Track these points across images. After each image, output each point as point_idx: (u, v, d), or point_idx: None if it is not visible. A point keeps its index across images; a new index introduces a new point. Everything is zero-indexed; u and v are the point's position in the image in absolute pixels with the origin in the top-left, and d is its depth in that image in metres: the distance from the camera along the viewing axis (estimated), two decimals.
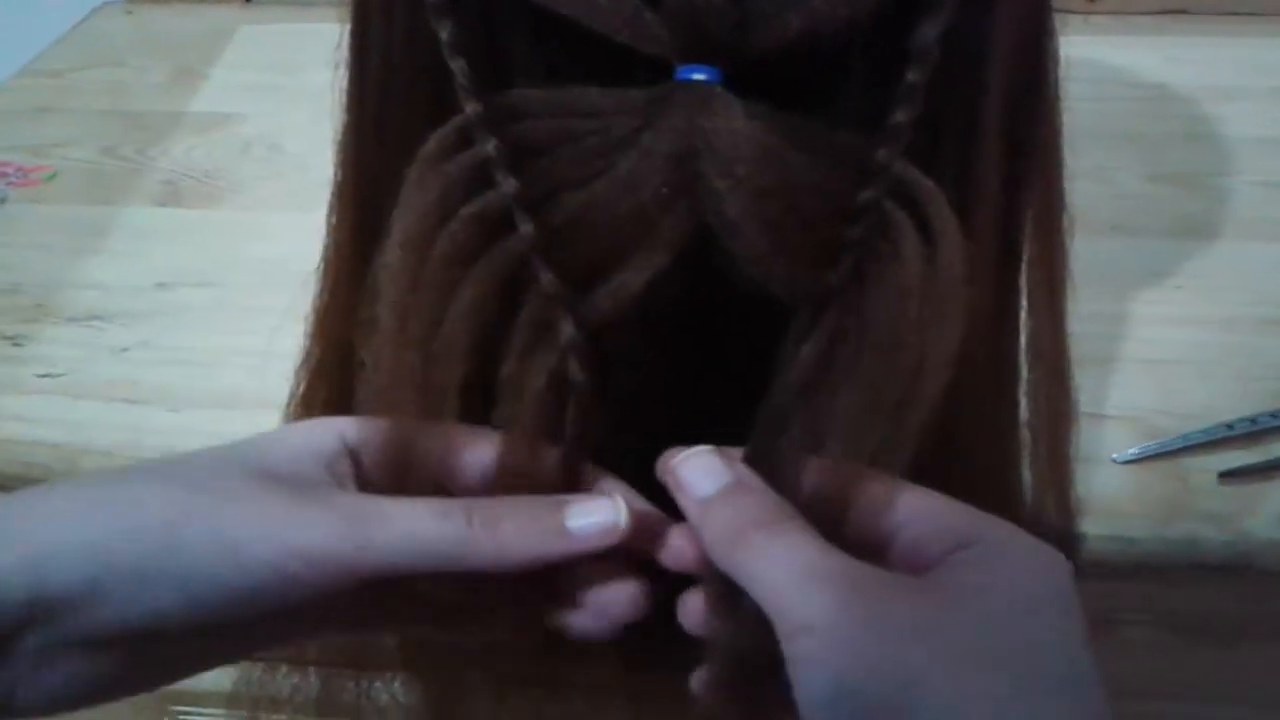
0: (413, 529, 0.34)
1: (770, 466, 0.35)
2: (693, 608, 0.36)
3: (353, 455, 0.37)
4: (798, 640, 0.31)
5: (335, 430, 0.38)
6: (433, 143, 0.34)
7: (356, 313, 0.41)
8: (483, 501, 0.35)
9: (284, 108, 0.91)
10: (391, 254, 0.34)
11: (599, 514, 0.35)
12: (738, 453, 0.36)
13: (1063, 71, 0.40)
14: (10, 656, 0.33)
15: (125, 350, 0.69)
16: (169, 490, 0.35)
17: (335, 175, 0.43)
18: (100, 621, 0.33)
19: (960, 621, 0.31)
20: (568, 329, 0.34)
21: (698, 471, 0.35)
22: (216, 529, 0.34)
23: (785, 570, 0.32)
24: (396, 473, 0.36)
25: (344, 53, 0.40)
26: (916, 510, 0.34)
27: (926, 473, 0.42)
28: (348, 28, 0.40)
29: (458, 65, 0.34)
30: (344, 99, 0.41)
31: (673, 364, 0.38)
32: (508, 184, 0.34)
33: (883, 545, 0.35)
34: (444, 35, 0.35)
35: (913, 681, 0.30)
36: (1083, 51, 0.40)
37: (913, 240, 0.34)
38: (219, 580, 0.34)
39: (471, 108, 0.34)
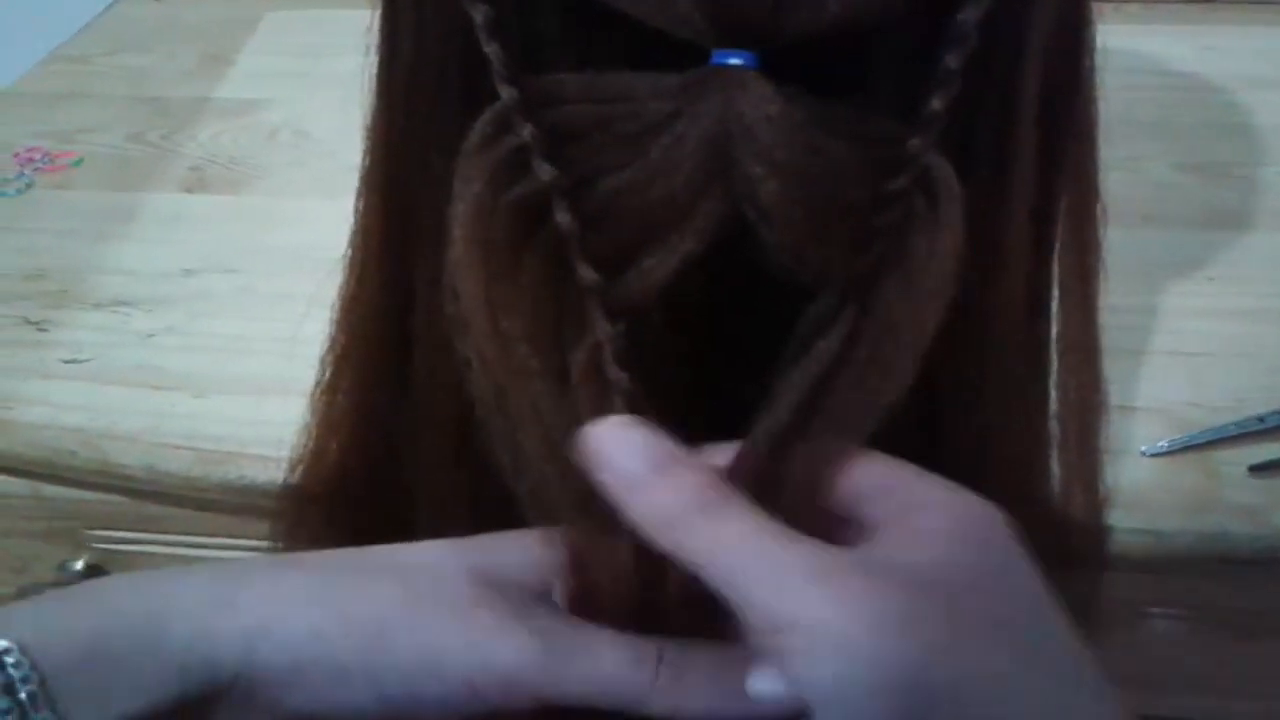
0: (603, 670, 0.34)
1: (774, 454, 0.34)
2: None
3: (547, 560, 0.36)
4: (783, 637, 0.30)
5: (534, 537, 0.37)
6: (475, 134, 0.34)
7: (392, 302, 0.42)
8: (672, 647, 0.34)
9: (311, 94, 0.91)
10: (455, 250, 0.34)
11: (775, 680, 0.33)
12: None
13: (1099, 60, 0.39)
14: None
15: (151, 336, 0.69)
16: (388, 586, 0.35)
17: (363, 161, 0.43)
18: (292, 707, 0.33)
19: (936, 593, 0.31)
20: (603, 326, 0.34)
21: (622, 446, 0.33)
22: (425, 638, 0.34)
23: (756, 562, 0.31)
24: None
25: (374, 37, 0.40)
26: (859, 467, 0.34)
27: (956, 462, 0.42)
28: (378, 12, 0.40)
29: (493, 50, 0.34)
30: (373, 84, 0.41)
31: (700, 355, 0.38)
32: (544, 170, 0.33)
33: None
34: (478, 19, 0.34)
35: (912, 663, 0.29)
36: (1114, 41, 0.40)
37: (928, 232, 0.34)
38: (415, 686, 0.33)
39: (507, 93, 0.34)
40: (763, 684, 0.33)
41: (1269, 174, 0.79)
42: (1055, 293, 0.44)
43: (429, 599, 0.34)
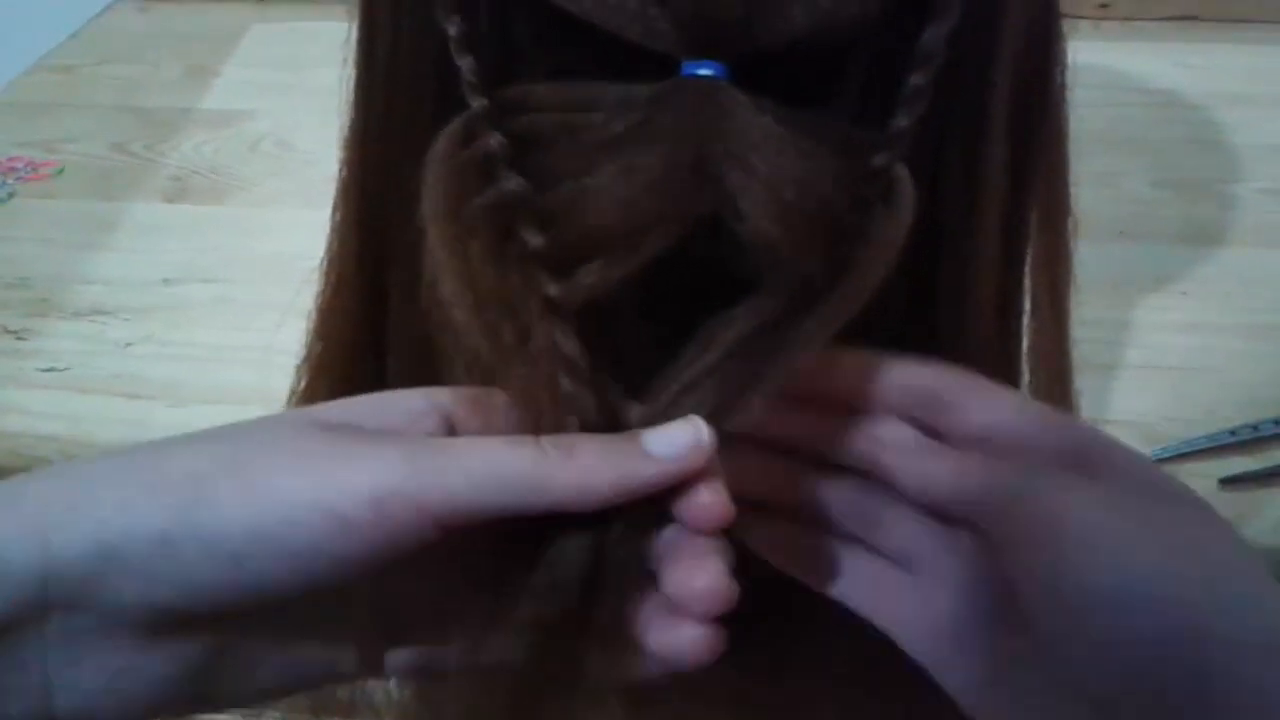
0: (486, 458, 0.30)
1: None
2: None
3: (443, 417, 0.33)
4: (1078, 553, 0.30)
5: (421, 392, 0.34)
6: (441, 141, 0.34)
7: (367, 311, 0.42)
8: (552, 436, 0.31)
9: (294, 105, 0.92)
10: (430, 253, 0.33)
11: (679, 432, 0.31)
12: None
13: (1070, 75, 0.39)
14: (29, 647, 0.29)
15: (129, 345, 0.69)
16: (194, 445, 0.30)
17: (340, 172, 0.43)
18: (126, 599, 0.29)
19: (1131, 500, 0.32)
20: (562, 337, 0.33)
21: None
22: (250, 478, 0.29)
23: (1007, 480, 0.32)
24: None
25: (351, 49, 0.40)
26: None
27: None
28: (355, 24, 0.40)
29: (465, 62, 0.34)
30: (350, 95, 0.41)
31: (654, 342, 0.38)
32: (510, 180, 0.33)
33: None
34: (452, 32, 0.35)
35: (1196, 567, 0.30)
36: (1092, 57, 0.40)
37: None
38: (261, 536, 0.29)
39: (477, 103, 0.34)
40: (659, 443, 0.31)
41: (1245, 190, 0.80)
42: (1026, 307, 0.44)
43: (249, 444, 0.30)
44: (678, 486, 0.31)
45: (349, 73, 0.41)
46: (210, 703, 0.32)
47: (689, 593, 0.31)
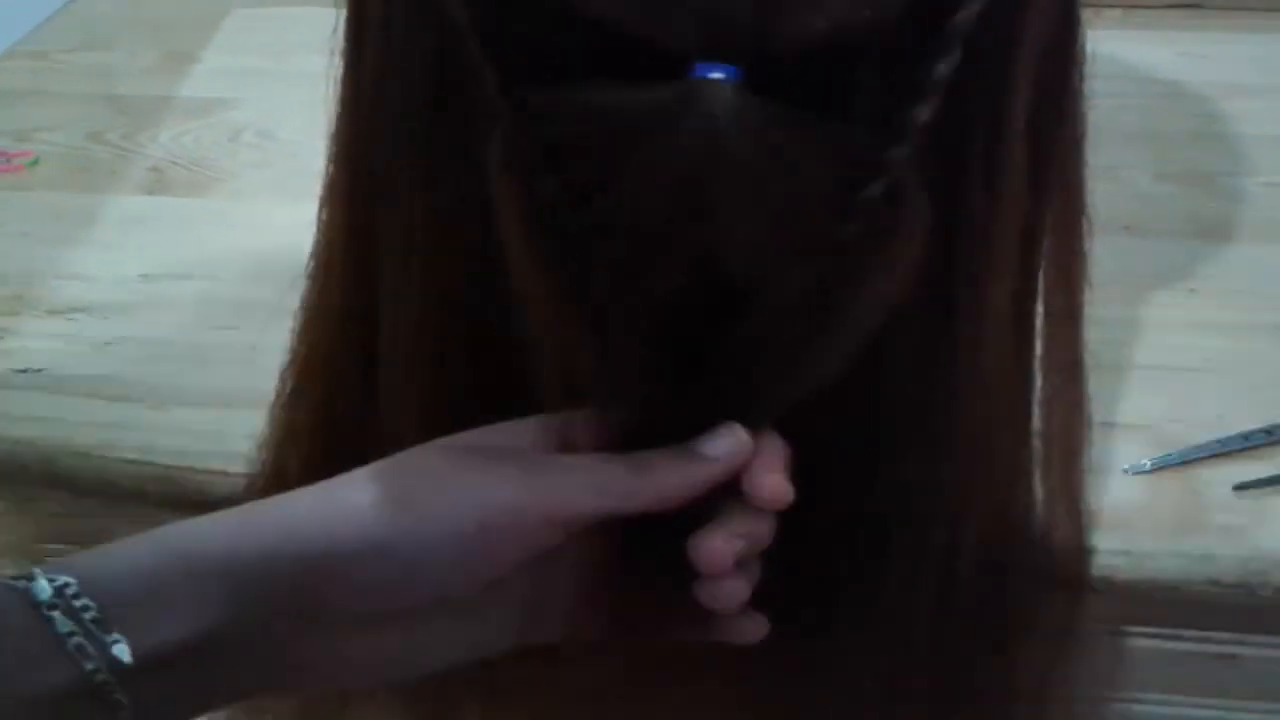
0: (591, 472, 0.38)
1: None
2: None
3: (553, 438, 0.40)
4: None
5: (534, 421, 0.40)
6: (494, 155, 0.35)
7: (356, 316, 0.42)
8: (632, 454, 0.39)
9: (277, 94, 0.90)
10: (518, 276, 0.36)
11: (724, 438, 0.38)
12: None
13: (1088, 75, 0.38)
14: (257, 641, 0.36)
15: (107, 345, 0.67)
16: (361, 481, 0.38)
17: (327, 170, 0.43)
18: (350, 597, 0.37)
19: None
20: (620, 325, 0.36)
21: None
22: (414, 506, 0.37)
23: None
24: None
25: (339, 40, 0.39)
26: None
27: (940, 482, 0.41)
28: (344, 13, 0.39)
29: (481, 59, 0.34)
30: (338, 90, 0.40)
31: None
32: (549, 186, 0.34)
33: None
34: (465, 26, 0.34)
35: None
36: (1094, 47, 0.39)
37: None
38: (428, 547, 0.36)
39: (503, 107, 0.34)
40: (711, 447, 0.38)
41: (1252, 184, 0.78)
42: (1040, 309, 0.43)
43: (416, 476, 0.38)
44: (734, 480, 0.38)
45: (336, 66, 0.40)
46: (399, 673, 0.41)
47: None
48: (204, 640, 0.35)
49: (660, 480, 0.38)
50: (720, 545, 0.37)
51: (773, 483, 0.38)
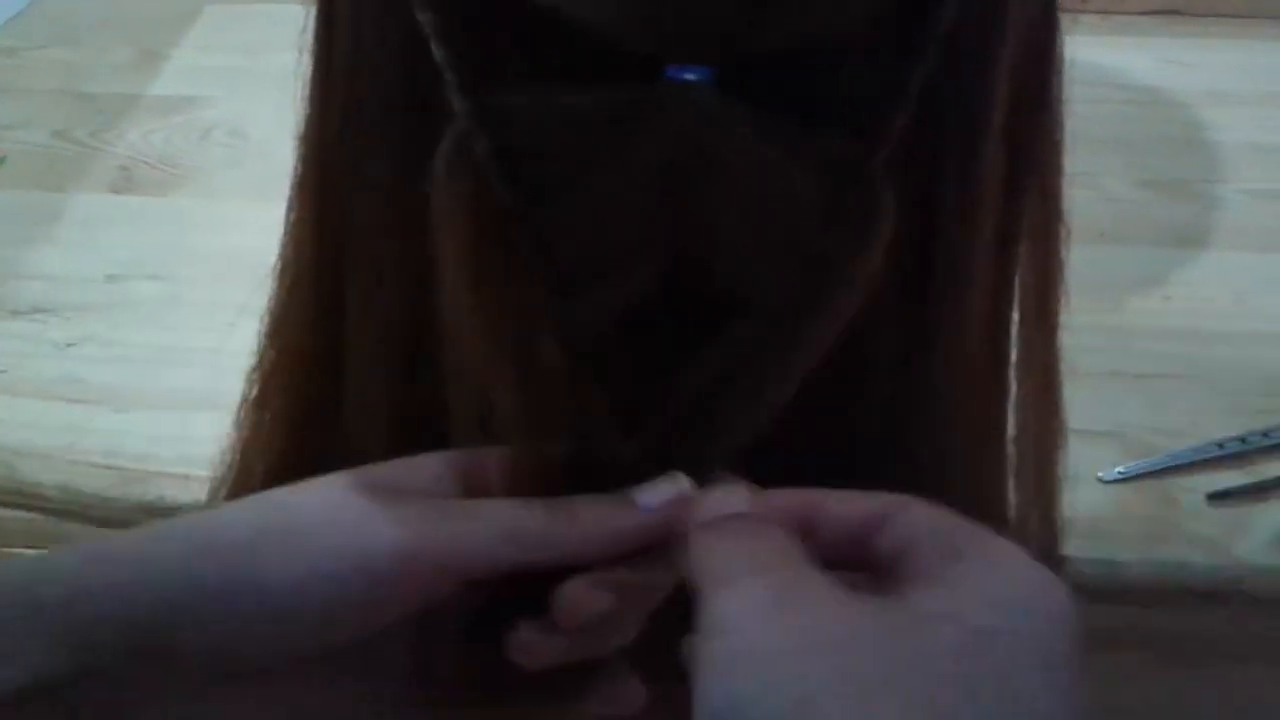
0: (500, 518, 0.34)
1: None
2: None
3: (460, 476, 0.37)
4: (709, 641, 0.30)
5: (440, 456, 0.37)
6: (440, 162, 0.33)
7: (324, 317, 0.41)
8: (554, 499, 0.35)
9: (249, 92, 0.89)
10: (447, 277, 0.34)
11: (663, 486, 0.35)
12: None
13: (1067, 81, 0.38)
14: (103, 689, 0.32)
15: (71, 346, 0.67)
16: (246, 510, 0.35)
17: (296, 170, 0.42)
18: (195, 651, 0.32)
19: (890, 646, 0.29)
20: (553, 355, 0.34)
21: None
22: (292, 541, 0.33)
23: (722, 564, 0.32)
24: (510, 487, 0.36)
25: (308, 39, 0.39)
26: (901, 516, 0.33)
27: (914, 488, 0.40)
28: (313, 11, 0.38)
29: (444, 58, 0.33)
30: (306, 89, 0.39)
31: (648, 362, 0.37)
32: (501, 193, 0.33)
33: (860, 549, 0.34)
34: (428, 26, 0.33)
35: (806, 698, 0.28)
36: (1072, 52, 0.39)
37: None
38: (302, 592, 0.33)
39: (461, 107, 0.33)
40: (648, 496, 0.35)
41: (1228, 192, 0.78)
42: (1015, 315, 0.43)
43: (303, 509, 0.34)
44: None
45: (305, 63, 0.39)
46: None
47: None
48: (38, 692, 0.31)
49: (582, 531, 0.34)
50: (581, 595, 0.34)
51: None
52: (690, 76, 0.31)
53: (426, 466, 0.36)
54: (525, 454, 0.36)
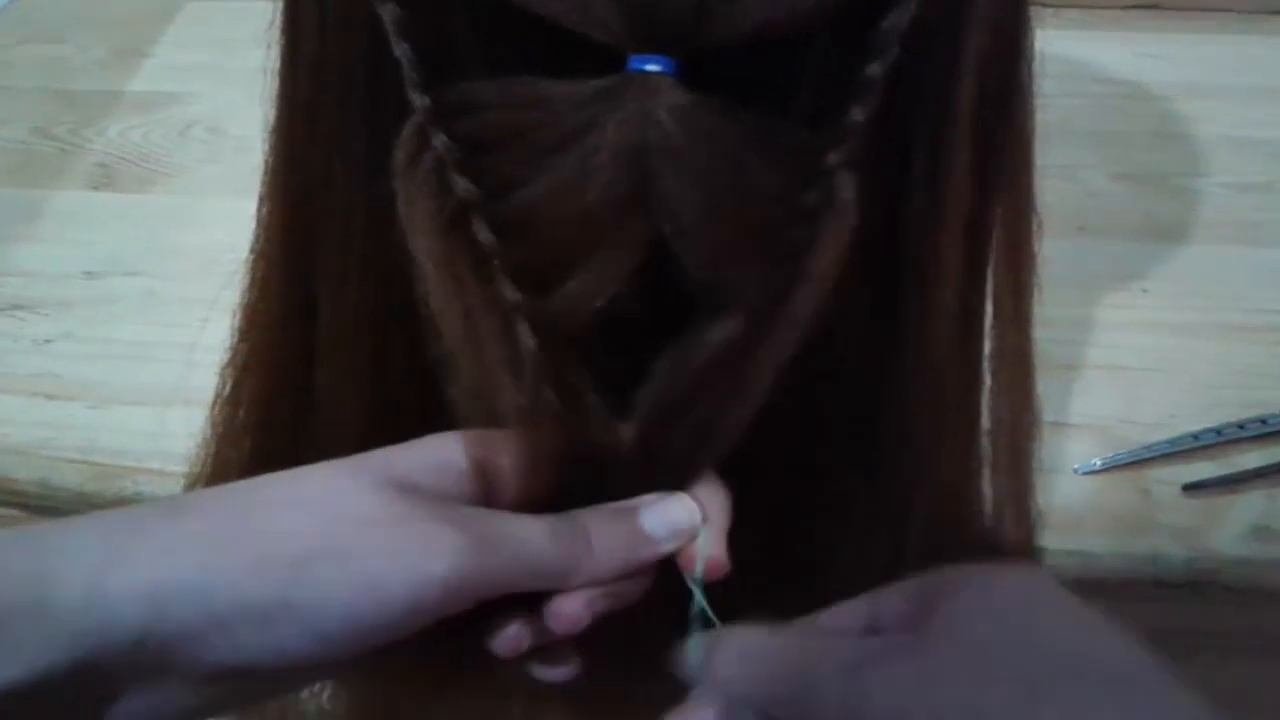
0: (527, 554, 0.35)
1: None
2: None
3: (479, 469, 0.37)
4: None
5: (454, 440, 0.37)
6: (399, 153, 0.33)
7: (295, 313, 0.41)
8: (574, 517, 0.36)
9: (228, 89, 0.88)
10: (418, 270, 0.34)
11: (675, 511, 0.36)
12: None
13: (1037, 71, 0.38)
14: (117, 695, 0.32)
15: (48, 342, 0.66)
16: (297, 521, 0.33)
17: (265, 164, 0.42)
18: (216, 660, 0.32)
19: (954, 662, 0.32)
20: (528, 342, 0.33)
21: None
22: (349, 564, 0.33)
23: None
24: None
25: (275, 34, 0.39)
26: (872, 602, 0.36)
27: (888, 483, 0.40)
28: (279, 7, 0.38)
29: (403, 52, 0.33)
30: (275, 84, 0.39)
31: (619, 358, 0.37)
32: (460, 185, 0.33)
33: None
34: (388, 20, 0.33)
35: None
36: (1050, 46, 0.39)
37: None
38: (356, 617, 0.32)
39: (420, 101, 0.33)
40: (655, 524, 0.36)
41: (1206, 185, 0.78)
42: (988, 308, 0.43)
43: (348, 523, 0.33)
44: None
45: (273, 58, 0.39)
46: (222, 712, 0.36)
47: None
48: (36, 688, 0.30)
49: (597, 566, 0.35)
50: (580, 612, 0.36)
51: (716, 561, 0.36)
52: (652, 67, 0.31)
53: (442, 452, 0.36)
54: (528, 438, 0.36)
